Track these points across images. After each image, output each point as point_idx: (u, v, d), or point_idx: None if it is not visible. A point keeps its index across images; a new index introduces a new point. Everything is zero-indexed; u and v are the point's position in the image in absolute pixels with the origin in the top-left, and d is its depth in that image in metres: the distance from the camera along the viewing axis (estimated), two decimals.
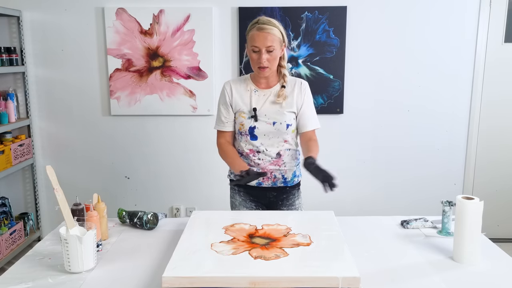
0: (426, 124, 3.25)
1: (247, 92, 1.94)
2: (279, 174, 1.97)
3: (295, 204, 2.03)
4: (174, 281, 1.27)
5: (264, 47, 1.80)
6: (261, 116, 1.90)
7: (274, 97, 1.91)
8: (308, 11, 3.07)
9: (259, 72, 1.87)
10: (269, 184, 1.98)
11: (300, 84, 1.95)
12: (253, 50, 1.83)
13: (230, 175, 2.08)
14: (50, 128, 3.29)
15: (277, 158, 1.95)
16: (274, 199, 2.01)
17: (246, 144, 1.95)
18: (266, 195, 2.01)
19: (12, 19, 3.11)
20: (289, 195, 2.02)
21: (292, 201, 2.03)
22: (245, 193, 2.03)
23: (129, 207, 3.10)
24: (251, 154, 1.95)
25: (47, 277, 1.43)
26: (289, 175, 1.99)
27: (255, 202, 2.03)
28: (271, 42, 1.80)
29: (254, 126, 1.91)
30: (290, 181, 2.00)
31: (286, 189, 2.01)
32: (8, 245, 2.96)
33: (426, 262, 1.53)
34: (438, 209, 1.84)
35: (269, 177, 1.96)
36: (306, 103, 1.94)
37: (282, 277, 1.28)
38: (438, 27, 3.12)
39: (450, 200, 1.73)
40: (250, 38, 1.83)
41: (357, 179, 3.33)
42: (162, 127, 3.28)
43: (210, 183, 3.34)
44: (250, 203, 2.02)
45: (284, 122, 1.90)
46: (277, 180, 1.97)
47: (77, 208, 1.67)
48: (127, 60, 3.15)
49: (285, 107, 1.91)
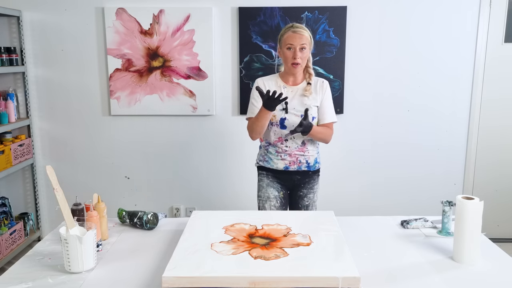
0: (426, 124, 3.25)
1: (278, 87, 2.19)
2: (304, 160, 2.24)
3: (314, 188, 2.31)
4: (174, 281, 1.27)
5: (298, 46, 2.08)
6: (290, 109, 2.16)
7: (302, 93, 2.17)
8: (308, 11, 3.07)
9: (291, 68, 2.14)
10: (295, 168, 2.25)
11: (322, 82, 2.22)
12: (287, 47, 2.10)
13: (258, 162, 2.34)
14: (50, 128, 3.29)
15: (302, 146, 2.22)
16: (298, 182, 2.28)
17: (275, 133, 2.21)
18: (291, 178, 2.27)
19: (12, 19, 3.12)
20: (310, 179, 2.29)
21: (312, 184, 2.30)
22: (273, 177, 2.29)
23: (129, 207, 3.11)
24: (279, 143, 2.22)
25: (47, 277, 1.43)
26: (312, 160, 2.26)
27: (281, 184, 2.29)
28: (304, 41, 2.09)
29: (285, 117, 2.16)
30: (312, 166, 2.27)
31: (308, 173, 2.28)
32: (8, 245, 2.96)
33: (426, 262, 1.53)
34: (438, 209, 1.84)
35: (295, 162, 2.23)
36: (325, 99, 2.21)
37: (282, 277, 1.28)
38: (438, 27, 3.12)
39: (450, 200, 1.73)
40: (286, 38, 2.11)
41: (357, 179, 3.33)
42: (162, 127, 3.28)
43: (210, 183, 3.34)
44: (276, 184, 2.29)
45: (311, 115, 2.14)
46: (301, 165, 2.24)
47: (77, 208, 1.67)
48: (127, 60, 3.15)
49: (311, 101, 2.17)
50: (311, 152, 2.25)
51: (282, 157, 2.23)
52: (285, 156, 2.22)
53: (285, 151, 2.22)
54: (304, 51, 2.10)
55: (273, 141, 2.23)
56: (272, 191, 2.27)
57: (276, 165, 2.25)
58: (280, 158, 2.23)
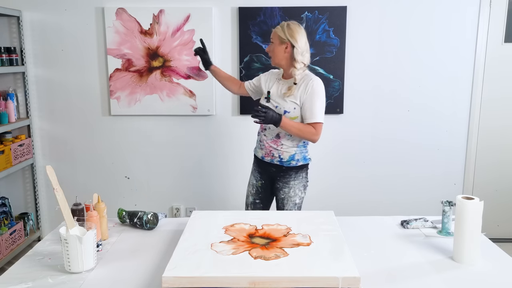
0: (426, 124, 3.25)
1: (275, 79, 2.34)
2: (277, 154, 2.29)
3: (289, 184, 2.31)
4: (174, 281, 1.27)
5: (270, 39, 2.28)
6: (273, 99, 2.27)
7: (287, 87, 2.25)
8: (308, 11, 3.07)
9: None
10: (268, 160, 2.32)
11: (310, 80, 2.22)
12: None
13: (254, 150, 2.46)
14: (50, 128, 3.29)
15: (277, 138, 2.27)
16: (273, 174, 2.35)
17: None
18: (268, 169, 2.35)
19: (12, 19, 3.12)
20: (286, 174, 2.31)
21: (287, 180, 2.31)
22: (256, 164, 2.43)
23: (129, 207, 3.10)
24: (261, 130, 2.35)
25: (47, 277, 1.43)
26: (286, 156, 2.28)
27: (261, 173, 2.40)
28: (272, 36, 2.27)
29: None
30: (286, 162, 2.29)
31: (282, 168, 2.30)
32: (8, 245, 2.96)
33: (426, 262, 1.53)
34: (438, 209, 1.84)
35: (268, 154, 2.31)
36: (307, 99, 2.20)
37: (282, 277, 1.28)
38: (438, 27, 3.12)
39: (450, 200, 1.73)
40: None
41: (357, 179, 3.33)
42: (162, 127, 3.28)
43: (210, 183, 3.34)
44: (257, 173, 2.42)
45: (283, 108, 2.22)
46: (274, 158, 2.30)
47: (77, 208, 1.67)
48: (127, 60, 3.15)
49: (289, 96, 2.22)
50: (286, 148, 2.26)
51: (261, 146, 2.35)
52: (262, 146, 2.34)
53: (262, 141, 2.34)
54: (271, 44, 2.27)
55: (259, 129, 2.39)
56: (252, 178, 2.44)
57: (257, 153, 2.39)
58: (259, 147, 2.37)
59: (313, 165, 3.33)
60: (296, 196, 2.31)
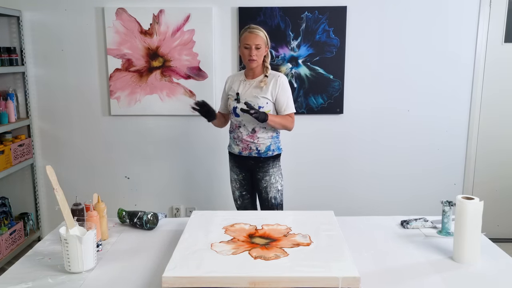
0: (426, 124, 3.25)
1: (239, 81, 2.48)
2: (254, 147, 2.46)
3: (269, 172, 2.49)
4: (174, 281, 1.27)
5: (253, 45, 2.35)
6: (242, 99, 2.42)
7: (257, 85, 2.41)
8: (308, 11, 3.07)
9: (248, 64, 2.40)
10: (246, 153, 2.48)
11: (278, 77, 2.42)
12: (245, 47, 2.37)
13: (228, 148, 2.61)
14: (50, 128, 3.29)
15: (253, 133, 2.44)
16: (252, 166, 2.51)
17: (233, 120, 2.52)
18: (246, 163, 2.51)
19: (12, 19, 3.11)
20: (264, 164, 2.48)
21: (267, 168, 2.49)
22: (233, 161, 2.58)
23: (129, 207, 3.10)
24: (236, 128, 2.50)
25: (47, 277, 1.43)
26: (262, 148, 2.46)
27: (239, 168, 2.56)
28: (259, 41, 2.35)
29: (236, 106, 2.44)
30: (263, 153, 2.47)
31: (260, 159, 2.47)
32: (8, 245, 2.96)
33: (426, 262, 1.53)
34: (438, 209, 1.84)
35: (246, 148, 2.47)
36: (280, 94, 2.40)
37: (282, 277, 1.28)
38: (438, 27, 3.12)
39: (450, 200, 1.73)
40: (243, 39, 2.39)
41: (357, 179, 3.33)
42: (162, 127, 3.28)
43: (210, 183, 3.34)
44: (236, 168, 2.58)
45: (257, 104, 2.38)
46: (252, 151, 2.47)
47: (77, 208, 1.67)
48: (127, 60, 3.15)
49: (260, 93, 2.39)
50: (262, 140, 2.45)
51: (237, 142, 2.50)
52: (239, 142, 2.48)
53: (238, 137, 2.48)
54: (259, 49, 2.36)
55: (233, 125, 2.53)
56: (233, 174, 2.60)
57: (233, 150, 2.54)
58: (235, 143, 2.51)
59: (313, 165, 3.35)
60: (277, 182, 2.50)
